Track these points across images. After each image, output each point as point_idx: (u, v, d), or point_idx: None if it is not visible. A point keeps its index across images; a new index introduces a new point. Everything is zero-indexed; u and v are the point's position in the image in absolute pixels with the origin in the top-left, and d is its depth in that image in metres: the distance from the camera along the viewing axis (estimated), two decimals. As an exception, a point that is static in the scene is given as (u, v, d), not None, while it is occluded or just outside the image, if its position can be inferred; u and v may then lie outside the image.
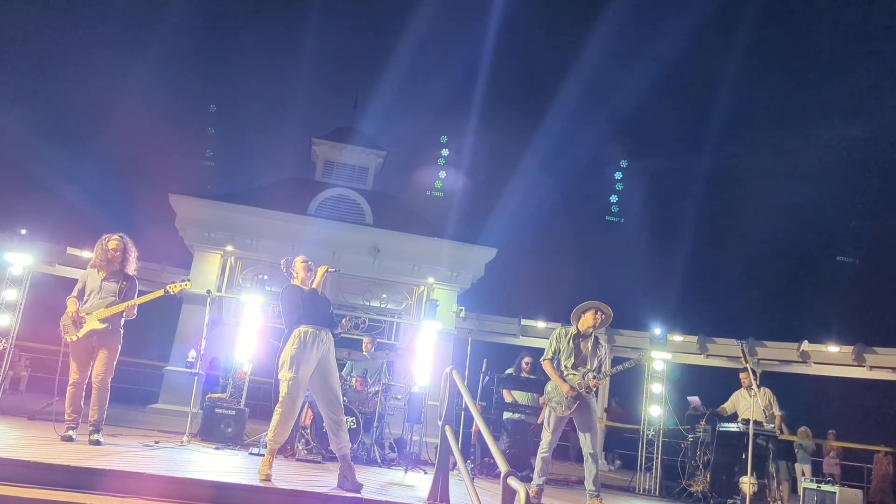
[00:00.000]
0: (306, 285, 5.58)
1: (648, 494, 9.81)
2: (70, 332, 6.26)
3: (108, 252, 6.49)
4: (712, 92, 28.89)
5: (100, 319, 6.29)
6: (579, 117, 27.81)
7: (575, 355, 6.57)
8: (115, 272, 6.52)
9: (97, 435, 6.17)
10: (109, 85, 25.73)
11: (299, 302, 5.44)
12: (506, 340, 16.67)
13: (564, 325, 6.89)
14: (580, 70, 25.77)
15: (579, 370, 6.51)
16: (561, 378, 6.49)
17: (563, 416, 6.47)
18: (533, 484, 6.55)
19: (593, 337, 6.72)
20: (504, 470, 3.26)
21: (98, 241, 6.61)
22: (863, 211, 25.69)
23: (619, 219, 25.18)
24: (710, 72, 30.22)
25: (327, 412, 5.38)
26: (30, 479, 4.12)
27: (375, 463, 7.77)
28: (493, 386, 9.53)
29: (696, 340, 16.04)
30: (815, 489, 7.48)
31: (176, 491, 4.32)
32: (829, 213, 27.26)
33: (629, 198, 27.66)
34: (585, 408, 6.41)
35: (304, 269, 5.65)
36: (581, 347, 6.61)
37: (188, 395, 8.04)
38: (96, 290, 6.39)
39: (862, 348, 14.82)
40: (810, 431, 12.71)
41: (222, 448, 7.30)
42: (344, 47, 30.51)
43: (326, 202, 15.57)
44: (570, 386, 6.40)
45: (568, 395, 6.39)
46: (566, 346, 6.62)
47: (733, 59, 28.64)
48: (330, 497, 4.75)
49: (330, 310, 5.67)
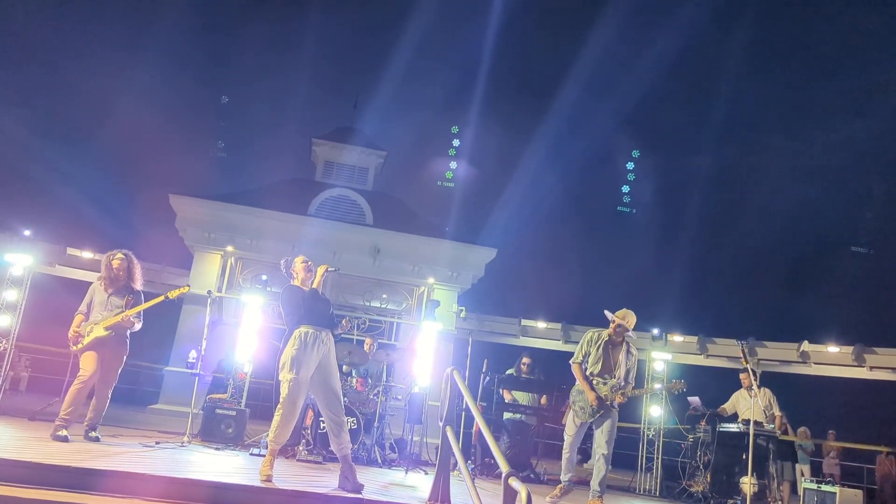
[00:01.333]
0: (306, 286, 5.58)
1: (649, 494, 9.81)
2: (77, 342, 6.50)
3: (112, 270, 6.79)
4: (715, 91, 28.93)
5: (105, 327, 6.53)
6: (585, 113, 27.81)
7: (603, 362, 6.48)
8: (121, 287, 6.79)
9: (95, 432, 6.37)
10: (108, 85, 25.71)
11: (300, 303, 5.44)
12: (506, 341, 16.65)
13: (597, 328, 6.76)
14: (585, 66, 25.77)
15: (607, 380, 6.43)
16: (589, 385, 6.40)
17: (585, 421, 6.43)
18: (562, 483, 6.54)
19: (625, 345, 6.60)
20: (505, 470, 3.26)
21: (104, 256, 6.89)
22: (866, 210, 25.72)
23: (631, 209, 25.10)
24: (713, 71, 30.25)
25: (328, 413, 5.38)
26: (30, 480, 4.12)
27: (376, 463, 7.77)
28: (493, 386, 9.54)
29: (696, 341, 16.03)
30: (816, 489, 7.48)
31: (176, 491, 4.31)
32: (831, 212, 27.28)
33: (636, 192, 27.74)
34: (607, 415, 6.37)
35: (304, 269, 5.65)
36: (610, 353, 6.52)
37: (188, 395, 8.03)
38: (103, 304, 6.66)
39: (862, 348, 14.81)
40: (810, 432, 12.71)
41: (223, 449, 7.30)
42: (344, 48, 30.52)
43: (326, 202, 15.57)
44: (596, 395, 6.34)
45: (593, 404, 6.34)
46: (594, 352, 6.53)
47: (737, 59, 28.68)
48: (331, 497, 4.75)
49: (330, 310, 5.67)
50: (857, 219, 27.51)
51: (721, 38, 29.48)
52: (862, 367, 14.93)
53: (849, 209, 27.83)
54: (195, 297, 13.19)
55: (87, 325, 6.58)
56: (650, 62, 27.17)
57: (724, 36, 29.57)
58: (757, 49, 28.96)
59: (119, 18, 27.82)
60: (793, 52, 29.66)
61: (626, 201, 28.28)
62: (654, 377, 10.59)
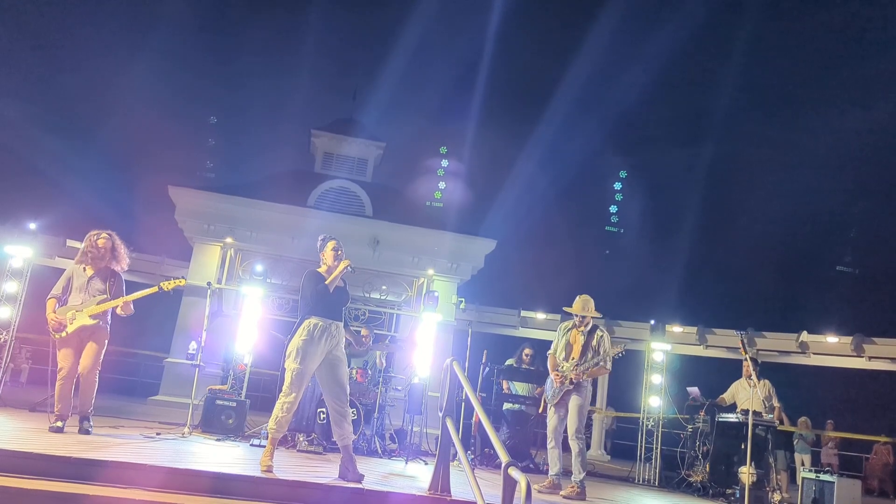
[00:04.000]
0: (329, 274, 5.56)
1: (648, 484, 9.85)
2: (59, 330, 6.22)
3: (97, 249, 6.46)
4: (713, 83, 28.90)
5: (90, 316, 6.26)
6: (581, 108, 27.78)
7: (567, 347, 6.84)
8: (102, 269, 6.48)
9: (87, 424, 6.19)
10: (109, 77, 25.67)
11: (315, 291, 5.42)
12: (505, 332, 16.69)
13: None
14: (581, 61, 25.73)
15: (571, 362, 6.74)
16: (554, 370, 6.81)
17: (551, 404, 6.76)
18: (550, 476, 6.66)
19: (590, 328, 6.83)
20: (505, 460, 3.28)
21: (86, 236, 6.57)
22: (864, 200, 25.70)
23: (618, 229, 25.14)
24: (712, 62, 30.19)
25: (333, 403, 5.39)
26: (32, 471, 4.14)
27: (376, 454, 7.80)
28: (493, 377, 9.57)
29: (695, 331, 16.07)
30: (814, 479, 7.51)
31: (178, 482, 4.33)
32: (829, 204, 27.27)
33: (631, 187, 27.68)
34: (568, 397, 6.65)
35: (333, 257, 5.59)
36: (571, 339, 6.86)
37: (189, 386, 8.05)
38: (83, 287, 6.34)
39: (861, 339, 14.84)
40: (809, 422, 12.76)
41: (223, 439, 7.32)
42: (343, 40, 30.45)
43: (326, 194, 15.56)
44: (559, 375, 6.70)
45: (555, 385, 6.70)
46: (562, 340, 6.93)
47: (735, 49, 28.61)
48: (332, 488, 4.77)
49: (347, 302, 5.65)
50: (856, 209, 27.52)
51: (713, 39, 29.51)
52: (861, 357, 14.96)
53: (847, 199, 27.84)
54: (195, 288, 13.21)
55: (67, 311, 6.23)
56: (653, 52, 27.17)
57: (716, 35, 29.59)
58: (752, 43, 28.91)
59: (120, 9, 27.75)
60: (786, 46, 29.63)
61: (618, 200, 28.34)
62: (654, 367, 10.61)
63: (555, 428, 6.72)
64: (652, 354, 10.67)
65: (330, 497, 4.60)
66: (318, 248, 5.72)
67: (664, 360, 10.66)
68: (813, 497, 7.46)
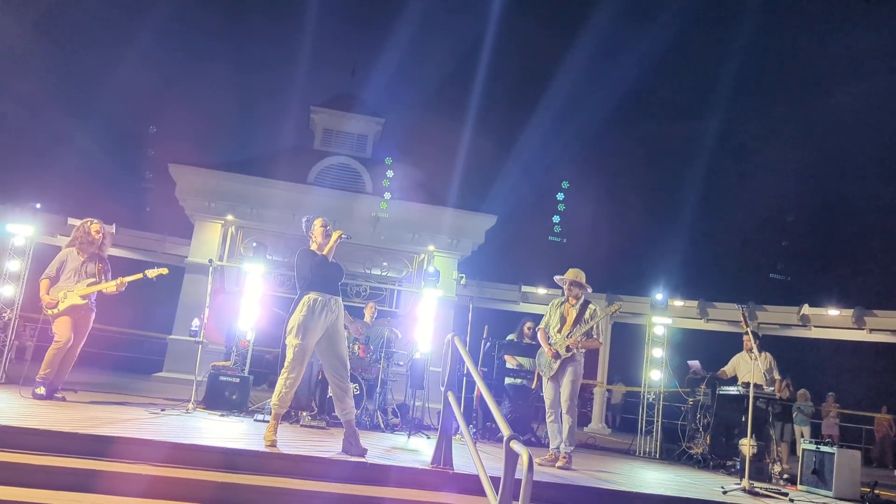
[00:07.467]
0: (322, 250, 5.58)
1: (649, 457, 9.93)
2: (52, 307, 6.79)
3: (91, 235, 7.08)
4: (719, 57, 28.64)
5: (81, 296, 6.85)
6: (585, 81, 27.58)
7: (559, 320, 6.89)
8: (93, 255, 7.11)
9: (63, 393, 6.82)
10: (109, 55, 25.50)
11: (311, 268, 5.43)
12: (506, 307, 16.74)
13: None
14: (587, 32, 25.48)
15: (564, 333, 6.81)
16: (547, 343, 6.86)
17: (547, 377, 6.81)
18: (550, 450, 6.72)
19: (582, 302, 6.88)
20: (507, 434, 3.30)
21: (80, 223, 7.19)
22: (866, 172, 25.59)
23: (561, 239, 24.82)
24: (717, 36, 29.93)
25: (333, 378, 5.43)
26: (38, 447, 4.18)
27: (379, 428, 7.86)
28: (494, 352, 9.61)
29: (696, 305, 16.11)
30: (814, 450, 7.55)
31: (183, 457, 4.38)
32: (830, 177, 27.18)
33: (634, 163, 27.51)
34: (562, 369, 6.71)
35: (323, 234, 5.61)
36: (564, 313, 6.91)
37: (192, 363, 8.09)
38: (76, 271, 6.95)
39: (862, 311, 14.88)
40: (808, 394, 12.82)
41: (227, 415, 7.37)
42: (342, 15, 30.15)
43: (326, 171, 15.53)
44: (551, 349, 6.76)
45: (548, 357, 6.78)
46: (554, 314, 6.99)
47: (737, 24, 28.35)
48: (335, 461, 4.81)
49: (342, 277, 5.66)
50: (858, 182, 27.41)
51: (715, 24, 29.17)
52: (862, 329, 15.01)
53: (849, 172, 27.73)
54: (197, 265, 13.24)
55: (59, 290, 6.81)
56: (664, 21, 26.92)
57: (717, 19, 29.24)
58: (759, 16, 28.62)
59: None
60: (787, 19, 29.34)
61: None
62: (655, 341, 10.65)
63: (552, 401, 6.78)
64: (653, 329, 10.71)
65: (333, 471, 4.64)
66: (304, 230, 5.76)
67: (665, 334, 10.70)
68: (813, 468, 7.51)
